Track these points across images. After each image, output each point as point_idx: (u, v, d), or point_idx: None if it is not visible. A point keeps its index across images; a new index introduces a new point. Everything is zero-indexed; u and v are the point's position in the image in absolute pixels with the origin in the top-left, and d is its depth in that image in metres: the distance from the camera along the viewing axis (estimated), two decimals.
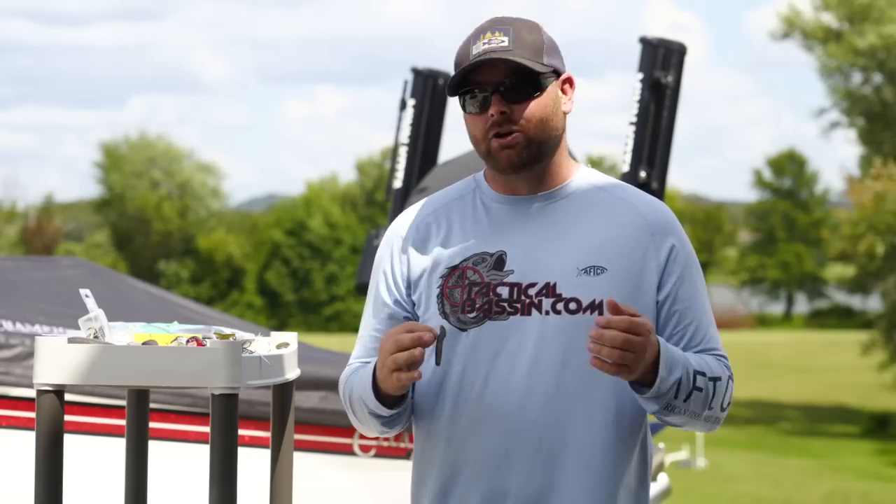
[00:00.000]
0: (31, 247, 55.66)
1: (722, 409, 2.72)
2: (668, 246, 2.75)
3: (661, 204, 2.82)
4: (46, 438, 2.76)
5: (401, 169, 6.99)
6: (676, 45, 5.94)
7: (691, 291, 2.76)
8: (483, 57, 2.70)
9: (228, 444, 2.74)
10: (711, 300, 2.90)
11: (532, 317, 2.70)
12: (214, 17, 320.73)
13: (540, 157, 2.75)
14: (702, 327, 2.75)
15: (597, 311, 2.67)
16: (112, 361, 2.75)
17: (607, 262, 2.71)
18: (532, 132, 2.72)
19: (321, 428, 5.06)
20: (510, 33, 2.73)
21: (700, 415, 2.69)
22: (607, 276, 2.70)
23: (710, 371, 2.69)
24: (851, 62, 32.58)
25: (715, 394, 2.69)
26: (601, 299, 2.68)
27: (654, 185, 5.87)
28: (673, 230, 2.78)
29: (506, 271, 2.73)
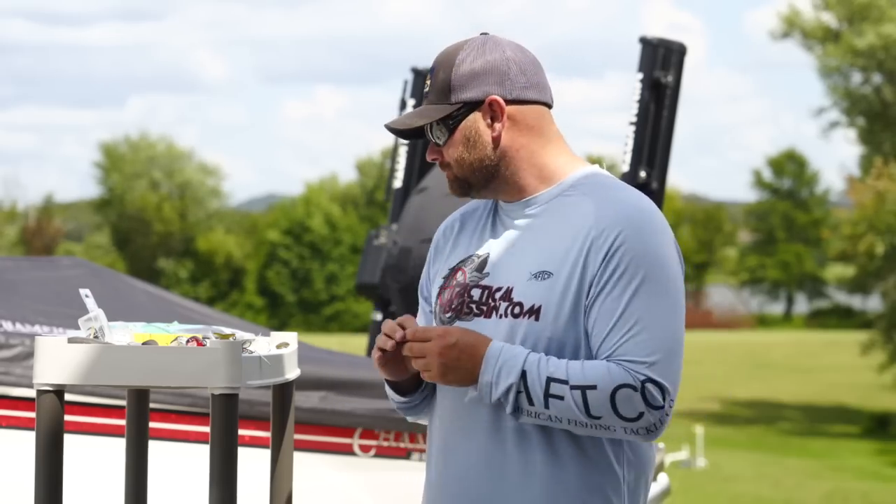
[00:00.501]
0: (31, 247, 55.65)
1: (625, 419, 2.66)
2: (608, 247, 2.71)
3: (627, 204, 2.76)
4: (46, 438, 2.77)
5: (401, 169, 6.99)
6: (676, 45, 5.94)
7: (618, 296, 2.69)
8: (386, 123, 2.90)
9: (228, 444, 2.74)
10: (711, 300, 2.88)
11: (490, 319, 2.77)
12: (214, 17, 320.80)
13: (474, 188, 2.86)
14: (616, 333, 2.69)
15: (534, 316, 2.72)
16: (112, 361, 2.75)
17: (554, 267, 2.74)
18: (456, 171, 2.85)
19: (321, 428, 5.06)
20: (433, 74, 2.85)
21: (586, 423, 2.66)
22: (551, 280, 2.73)
23: (580, 379, 2.65)
24: (851, 62, 32.58)
25: (588, 402, 2.65)
26: (540, 304, 2.72)
27: (654, 185, 5.87)
28: (619, 233, 2.71)
29: (483, 273, 2.82)
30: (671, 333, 2.70)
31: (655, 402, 2.66)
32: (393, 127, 2.87)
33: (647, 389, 2.66)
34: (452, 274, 2.87)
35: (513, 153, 2.83)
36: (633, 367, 2.66)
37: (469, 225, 2.93)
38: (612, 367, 2.66)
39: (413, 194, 6.69)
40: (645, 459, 2.82)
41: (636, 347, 2.67)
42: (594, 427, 2.67)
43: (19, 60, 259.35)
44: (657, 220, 2.76)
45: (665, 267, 2.72)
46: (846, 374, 36.61)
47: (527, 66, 2.84)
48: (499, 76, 2.81)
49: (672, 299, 2.71)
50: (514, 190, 2.84)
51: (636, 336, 2.68)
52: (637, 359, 2.67)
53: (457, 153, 2.83)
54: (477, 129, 2.82)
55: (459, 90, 2.81)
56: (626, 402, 2.65)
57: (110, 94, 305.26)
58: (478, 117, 2.82)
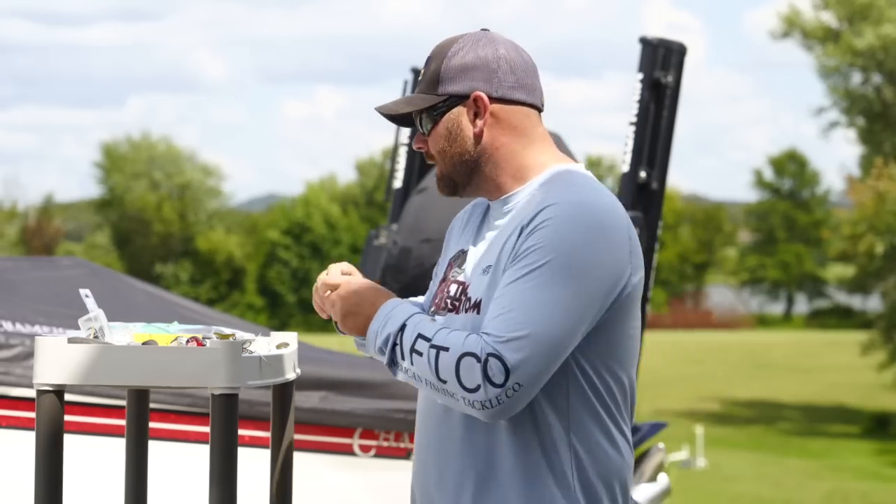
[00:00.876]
0: (31, 247, 55.64)
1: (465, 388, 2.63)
2: (529, 231, 2.71)
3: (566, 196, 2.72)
4: (46, 438, 2.77)
5: (401, 169, 6.99)
6: (676, 46, 5.94)
7: (508, 278, 2.68)
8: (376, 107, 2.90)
9: (228, 444, 2.74)
10: (711, 300, 2.87)
11: (459, 315, 2.80)
12: (213, 17, 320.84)
13: (457, 184, 2.87)
14: (494, 309, 2.67)
15: (476, 310, 2.76)
16: (112, 361, 2.75)
17: (493, 261, 2.77)
18: (439, 165, 2.87)
19: (321, 428, 5.06)
20: (426, 65, 2.86)
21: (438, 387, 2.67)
22: (491, 274, 2.76)
23: (440, 340, 2.67)
24: (850, 62, 32.58)
25: (438, 363, 2.65)
26: (480, 297, 2.75)
27: (654, 186, 5.86)
28: (540, 222, 2.69)
29: (462, 269, 2.87)
30: (546, 323, 2.64)
31: (495, 378, 2.61)
32: (382, 111, 2.88)
33: (490, 363, 2.62)
34: (448, 268, 2.93)
35: (492, 151, 2.83)
36: (487, 338, 2.64)
37: (472, 220, 2.96)
38: (472, 336, 2.66)
39: (413, 194, 6.69)
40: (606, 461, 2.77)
41: (501, 324, 2.65)
42: (444, 393, 2.67)
43: (19, 60, 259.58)
44: (596, 216, 2.70)
45: (575, 260, 2.66)
46: (846, 374, 36.61)
47: (518, 66, 2.83)
48: (487, 73, 2.81)
49: (567, 294, 2.65)
50: (494, 188, 2.86)
51: (506, 314, 2.65)
52: (494, 333, 2.64)
53: (439, 145, 2.85)
54: (459, 123, 2.83)
55: (447, 82, 2.82)
56: (468, 371, 2.63)
57: (110, 94, 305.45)
58: (462, 111, 2.82)
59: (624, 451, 2.80)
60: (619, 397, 2.79)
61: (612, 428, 2.78)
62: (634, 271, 2.74)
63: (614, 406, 2.78)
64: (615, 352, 2.77)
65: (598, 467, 2.76)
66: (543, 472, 2.73)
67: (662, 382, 33.64)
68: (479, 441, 2.76)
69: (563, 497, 2.73)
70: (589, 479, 2.74)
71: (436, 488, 2.83)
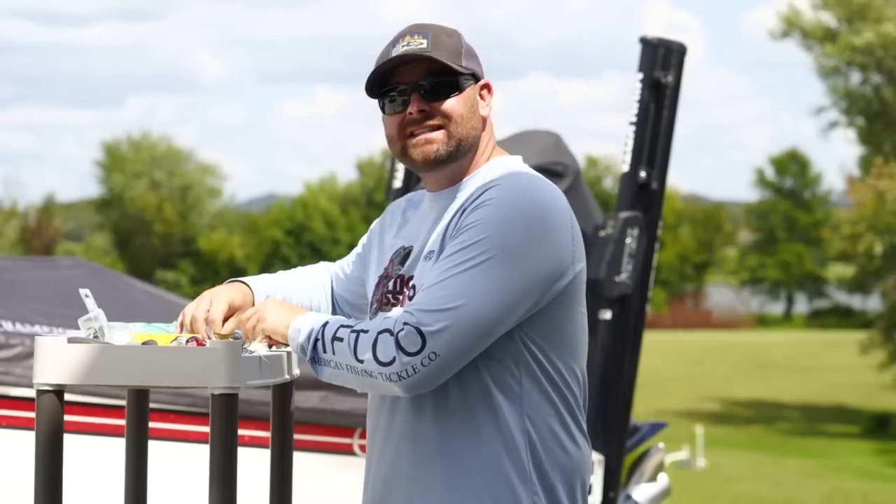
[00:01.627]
0: (31, 247, 55.63)
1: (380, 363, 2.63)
2: (464, 213, 2.73)
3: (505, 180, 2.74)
4: (46, 438, 2.77)
5: (401, 169, 6.99)
6: (676, 45, 5.94)
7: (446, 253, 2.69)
8: (402, 56, 2.79)
9: (228, 444, 2.74)
10: (711, 300, 2.87)
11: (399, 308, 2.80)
12: (212, 17, 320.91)
13: (456, 154, 2.84)
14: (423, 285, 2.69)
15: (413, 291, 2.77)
16: (112, 361, 2.75)
17: (435, 245, 2.78)
18: (452, 127, 2.82)
19: (321, 428, 5.06)
20: (429, 37, 2.81)
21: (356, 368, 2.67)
22: (434, 259, 2.76)
23: (360, 325, 2.68)
24: (849, 59, 32.57)
25: (358, 343, 2.66)
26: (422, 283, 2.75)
27: (654, 185, 5.86)
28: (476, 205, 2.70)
29: (404, 265, 2.87)
30: (473, 298, 2.62)
31: (408, 347, 2.61)
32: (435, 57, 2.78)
33: (404, 332, 2.61)
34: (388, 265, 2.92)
35: (482, 139, 2.88)
36: (407, 310, 2.64)
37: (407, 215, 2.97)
38: (390, 318, 2.67)
39: None
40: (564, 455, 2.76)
41: (426, 296, 2.65)
42: (363, 374, 2.67)
43: (18, 60, 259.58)
44: (537, 202, 2.70)
45: (513, 241, 2.66)
46: (846, 373, 36.61)
47: None
48: (480, 64, 2.89)
49: (501, 272, 2.64)
50: (459, 173, 2.87)
51: (434, 287, 2.65)
52: (417, 304, 2.64)
53: (463, 109, 2.82)
54: (476, 100, 2.86)
55: (468, 58, 2.85)
56: (383, 345, 2.63)
57: (109, 94, 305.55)
58: (475, 90, 2.86)
59: (583, 447, 2.80)
60: (574, 389, 2.79)
61: (570, 421, 2.78)
62: (577, 260, 2.75)
63: (571, 397, 2.78)
64: (565, 340, 2.77)
65: (554, 458, 2.75)
66: (502, 460, 2.72)
67: (662, 382, 33.64)
68: (429, 431, 2.75)
69: (521, 483, 2.72)
70: (544, 469, 2.74)
71: (392, 484, 2.83)
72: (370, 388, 2.73)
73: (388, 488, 2.85)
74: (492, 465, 2.72)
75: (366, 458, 2.96)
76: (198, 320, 2.90)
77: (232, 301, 2.97)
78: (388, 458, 2.84)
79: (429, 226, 2.86)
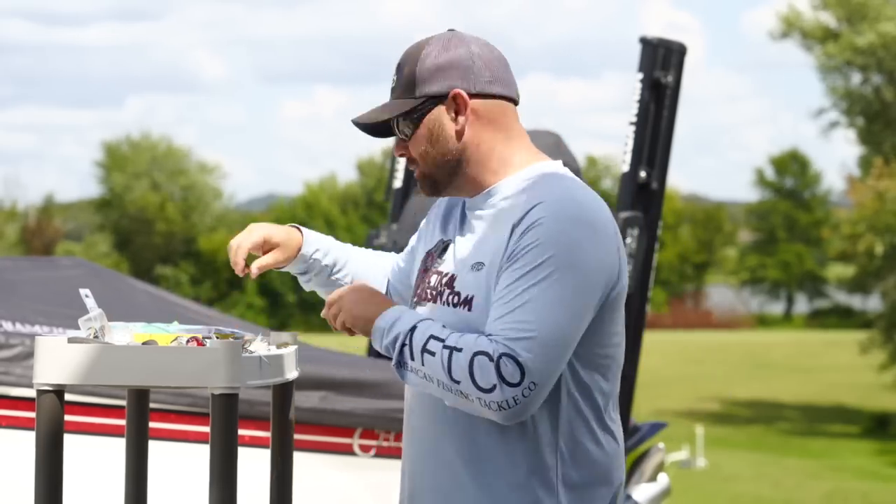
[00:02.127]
0: (31, 247, 55.63)
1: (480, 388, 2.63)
2: (519, 235, 2.72)
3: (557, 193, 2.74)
4: (46, 438, 2.77)
5: (401, 169, 6.99)
6: (676, 45, 5.94)
7: (506, 277, 2.69)
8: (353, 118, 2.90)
9: (228, 444, 2.74)
10: (711, 300, 2.88)
11: (437, 305, 2.82)
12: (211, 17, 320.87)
13: (440, 184, 2.86)
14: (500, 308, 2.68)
15: (467, 307, 2.76)
16: (112, 361, 2.75)
17: (485, 257, 2.77)
18: (422, 167, 2.87)
19: (321, 428, 5.06)
20: (399, 70, 2.86)
21: (450, 387, 2.66)
22: (484, 271, 2.76)
23: (452, 341, 2.67)
24: (849, 60, 32.57)
25: (452, 363, 2.65)
26: (473, 294, 2.76)
27: (654, 186, 5.86)
28: (533, 221, 2.70)
29: (443, 260, 2.87)
30: (553, 320, 2.65)
31: (510, 378, 2.62)
32: (360, 122, 2.87)
33: (503, 362, 2.63)
34: (427, 256, 2.94)
35: (474, 148, 2.83)
36: (497, 338, 2.65)
37: (452, 211, 2.96)
38: (483, 337, 2.67)
39: (413, 194, 6.69)
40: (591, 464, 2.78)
41: (508, 324, 2.65)
42: (455, 392, 2.67)
43: (17, 60, 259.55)
44: (585, 211, 2.72)
45: (574, 257, 2.67)
46: (846, 373, 36.61)
47: (492, 61, 2.84)
48: (463, 70, 2.81)
49: (569, 291, 2.66)
50: (475, 185, 2.86)
51: (511, 314, 2.66)
52: (503, 333, 2.65)
53: (421, 147, 2.84)
54: (441, 123, 2.82)
55: (423, 84, 2.81)
56: (482, 371, 2.63)
57: (108, 94, 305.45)
58: (442, 111, 2.82)
59: (609, 450, 2.81)
60: (608, 395, 2.82)
61: (597, 428, 2.79)
62: (623, 268, 2.76)
63: (603, 404, 2.80)
64: (605, 349, 2.78)
65: (582, 471, 2.76)
66: (531, 476, 2.74)
67: (662, 382, 33.63)
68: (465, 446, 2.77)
69: (547, 498, 2.73)
70: (573, 483, 2.75)
71: (426, 492, 2.84)
72: (461, 406, 2.71)
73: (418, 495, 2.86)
74: (521, 484, 2.74)
75: (403, 463, 2.96)
76: (232, 248, 3.14)
77: (270, 236, 3.19)
78: (420, 466, 2.85)
79: (466, 227, 2.88)
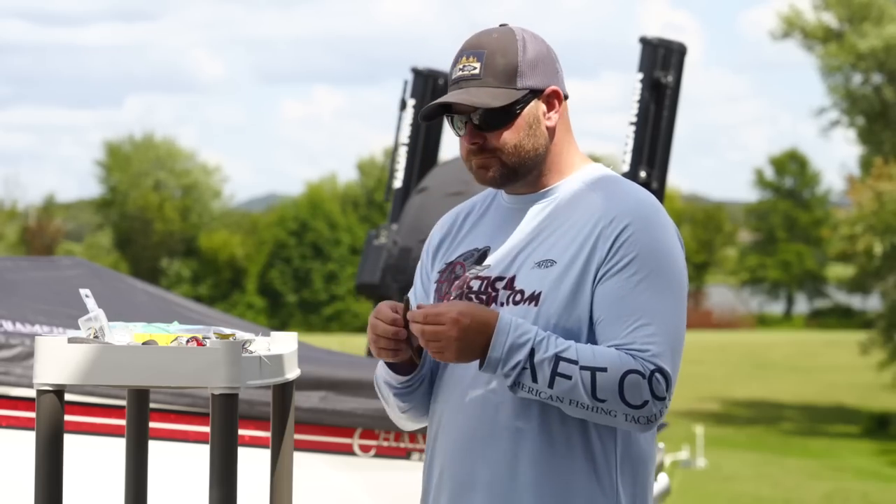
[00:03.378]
0: (32, 247, 55.64)
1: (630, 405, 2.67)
2: (614, 238, 2.74)
3: (633, 199, 2.80)
4: (46, 438, 2.76)
5: (401, 169, 6.99)
6: (676, 45, 5.94)
7: (623, 285, 2.73)
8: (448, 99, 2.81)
9: (228, 444, 2.74)
10: (711, 300, 2.90)
11: (490, 308, 2.77)
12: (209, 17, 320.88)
13: (518, 176, 2.84)
14: (623, 322, 2.72)
15: (534, 302, 2.74)
16: (112, 361, 2.75)
17: (557, 255, 2.77)
18: (506, 158, 2.82)
19: (321, 428, 5.06)
20: (483, 58, 2.80)
21: (589, 406, 2.67)
22: (556, 268, 2.75)
23: (589, 360, 2.67)
24: (852, 63, 32.57)
25: (595, 384, 2.66)
26: (540, 290, 2.74)
27: (654, 185, 5.87)
28: (627, 224, 2.75)
29: (483, 266, 2.84)
30: (675, 328, 2.74)
31: (660, 392, 2.69)
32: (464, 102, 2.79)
33: (655, 378, 2.69)
34: (448, 268, 2.90)
35: (553, 145, 2.86)
36: (642, 356, 2.69)
37: (468, 222, 2.95)
38: (623, 354, 2.69)
39: (413, 194, 6.70)
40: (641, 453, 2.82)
41: (644, 338, 2.70)
42: (594, 410, 2.68)
43: (16, 60, 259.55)
44: (664, 215, 2.80)
45: (671, 262, 2.76)
46: (846, 373, 36.61)
47: (557, 59, 2.89)
48: (554, 67, 2.86)
49: (677, 295, 2.75)
50: (540, 183, 2.86)
51: (644, 328, 2.71)
52: (645, 349, 2.70)
53: (517, 139, 2.81)
54: (537, 118, 2.83)
55: (525, 76, 2.82)
56: (634, 389, 2.67)
57: (107, 94, 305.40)
58: (538, 105, 2.84)
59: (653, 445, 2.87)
60: None
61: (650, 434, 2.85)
62: None
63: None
64: None
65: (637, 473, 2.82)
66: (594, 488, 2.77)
67: None
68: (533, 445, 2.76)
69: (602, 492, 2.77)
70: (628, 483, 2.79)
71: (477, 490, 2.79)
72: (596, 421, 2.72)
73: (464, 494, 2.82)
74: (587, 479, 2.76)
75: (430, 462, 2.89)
76: None
77: None
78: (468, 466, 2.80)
79: (511, 228, 2.85)
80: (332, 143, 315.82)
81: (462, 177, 5.65)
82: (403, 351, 2.78)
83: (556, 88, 2.84)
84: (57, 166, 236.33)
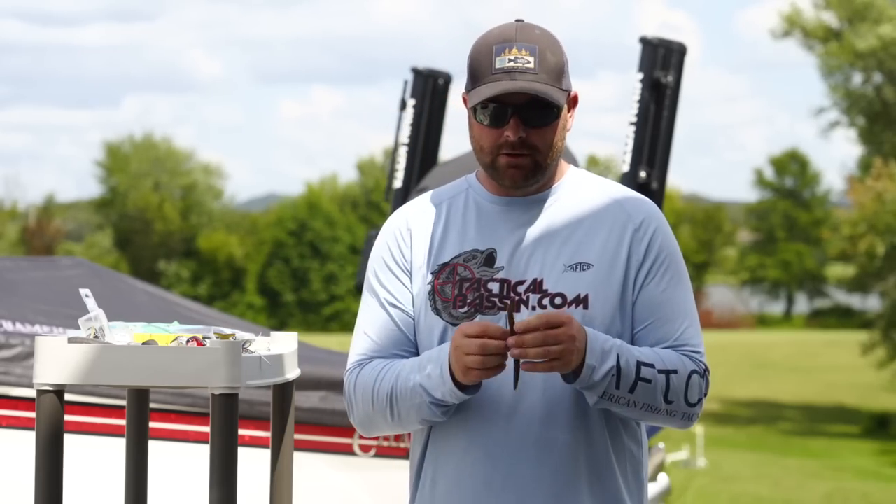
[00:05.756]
0: (32, 247, 55.66)
1: (689, 404, 2.73)
2: (648, 242, 2.78)
3: (646, 201, 2.86)
4: (46, 438, 2.76)
5: (401, 169, 6.99)
6: (676, 45, 5.94)
7: (665, 287, 2.77)
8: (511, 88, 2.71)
9: (228, 444, 2.74)
10: (711, 300, 2.94)
11: (521, 312, 2.73)
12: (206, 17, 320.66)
13: (539, 176, 2.80)
14: (672, 323, 2.76)
15: (582, 305, 2.72)
16: (112, 361, 2.75)
17: (593, 259, 2.76)
18: (540, 157, 2.77)
19: (321, 428, 5.06)
20: (536, 53, 2.75)
21: (659, 408, 2.70)
22: (593, 271, 2.75)
23: (662, 363, 2.69)
24: (852, 62, 32.58)
25: (669, 386, 2.69)
26: (587, 293, 2.73)
27: (654, 186, 5.87)
28: (655, 227, 2.80)
29: (496, 268, 2.78)
30: (699, 326, 2.83)
31: (707, 389, 2.79)
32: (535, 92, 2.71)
33: (707, 377, 2.77)
34: (447, 269, 2.79)
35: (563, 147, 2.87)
36: (696, 356, 2.76)
37: (448, 221, 2.84)
38: (681, 355, 2.74)
39: (413, 194, 6.69)
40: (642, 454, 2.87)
41: (692, 338, 2.77)
42: (658, 412, 2.71)
43: (13, 60, 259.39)
44: None
45: (682, 261, 2.85)
46: (846, 373, 36.62)
47: None
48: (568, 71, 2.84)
49: (691, 292, 2.85)
50: (546, 183, 2.84)
51: (689, 327, 2.78)
52: (697, 349, 2.77)
53: (554, 139, 2.78)
54: (566, 121, 2.83)
55: (567, 77, 2.81)
56: (695, 389, 2.74)
57: (105, 94, 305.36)
58: (567, 109, 2.83)
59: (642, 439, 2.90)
60: None
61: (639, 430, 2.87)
62: None
63: None
64: None
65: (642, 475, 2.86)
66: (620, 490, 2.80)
67: None
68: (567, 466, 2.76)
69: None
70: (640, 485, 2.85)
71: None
72: (650, 421, 2.76)
73: None
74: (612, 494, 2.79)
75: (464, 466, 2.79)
76: None
77: None
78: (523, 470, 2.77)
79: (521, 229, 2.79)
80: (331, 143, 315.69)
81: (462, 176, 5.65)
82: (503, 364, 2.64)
83: (576, 93, 2.84)
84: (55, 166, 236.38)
